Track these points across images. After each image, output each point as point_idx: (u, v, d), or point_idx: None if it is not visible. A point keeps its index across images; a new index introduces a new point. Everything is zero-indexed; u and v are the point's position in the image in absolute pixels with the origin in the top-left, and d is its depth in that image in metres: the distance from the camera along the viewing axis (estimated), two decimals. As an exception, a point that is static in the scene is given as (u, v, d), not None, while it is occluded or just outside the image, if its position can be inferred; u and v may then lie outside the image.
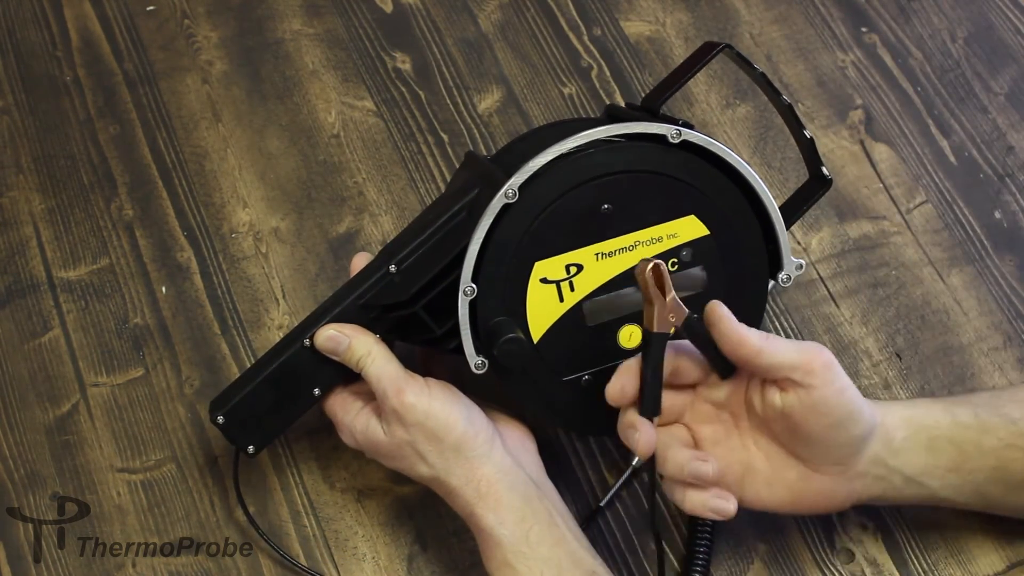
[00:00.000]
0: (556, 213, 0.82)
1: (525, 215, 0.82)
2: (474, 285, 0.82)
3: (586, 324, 0.85)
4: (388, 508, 0.93)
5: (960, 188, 1.08)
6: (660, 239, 0.84)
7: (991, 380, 0.99)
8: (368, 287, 0.87)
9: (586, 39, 1.16)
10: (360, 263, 0.89)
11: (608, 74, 1.14)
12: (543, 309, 0.84)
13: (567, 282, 0.84)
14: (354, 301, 0.87)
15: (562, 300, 0.84)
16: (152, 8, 1.16)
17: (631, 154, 0.83)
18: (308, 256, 1.04)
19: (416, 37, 1.15)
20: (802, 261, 0.87)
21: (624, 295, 0.85)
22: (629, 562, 0.91)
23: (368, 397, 0.88)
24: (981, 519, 0.91)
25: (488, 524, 0.83)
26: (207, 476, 0.94)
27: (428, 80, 1.13)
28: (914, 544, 0.92)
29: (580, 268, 0.83)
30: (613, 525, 0.93)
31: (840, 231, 1.06)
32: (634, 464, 0.94)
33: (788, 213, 0.89)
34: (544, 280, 0.83)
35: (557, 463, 0.94)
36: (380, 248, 0.97)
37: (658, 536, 0.89)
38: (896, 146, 1.10)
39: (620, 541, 0.92)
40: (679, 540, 0.92)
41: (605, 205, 0.83)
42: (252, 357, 0.99)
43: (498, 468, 0.84)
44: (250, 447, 0.89)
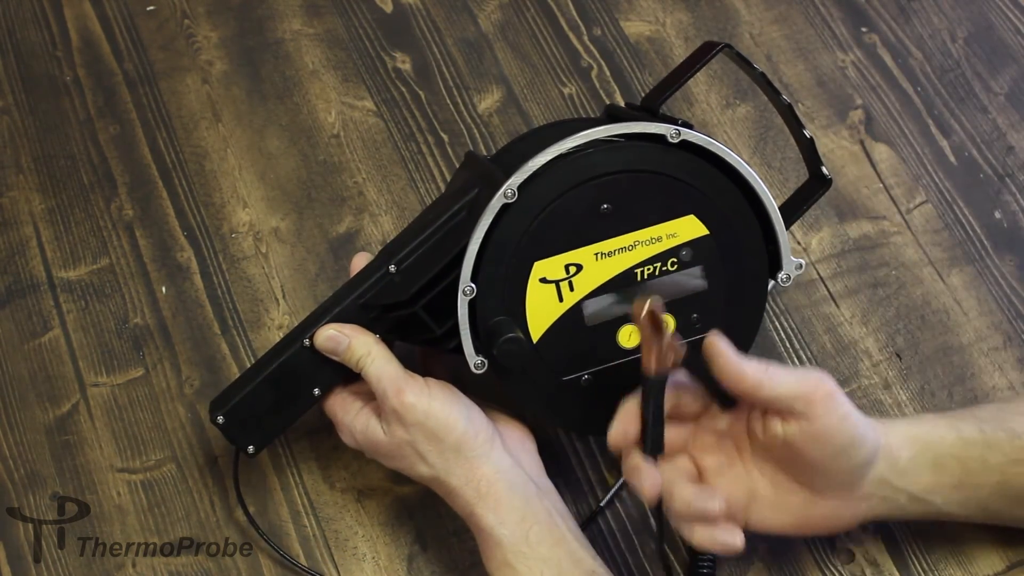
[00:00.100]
0: (555, 213, 0.82)
1: (524, 215, 0.82)
2: (473, 285, 0.82)
3: (585, 324, 0.85)
4: (388, 508, 0.93)
5: (960, 188, 1.08)
6: (659, 239, 0.84)
7: (991, 380, 0.99)
8: (368, 287, 0.87)
9: (586, 39, 1.16)
10: (360, 263, 0.89)
11: (608, 74, 1.14)
12: (542, 309, 0.84)
13: (566, 282, 0.84)
14: (354, 301, 0.87)
15: (561, 300, 0.84)
16: (152, 8, 1.16)
17: (630, 154, 0.83)
18: (308, 256, 1.04)
19: (416, 37, 1.15)
20: (802, 261, 0.87)
21: (624, 295, 0.85)
22: (629, 562, 0.91)
23: (368, 397, 0.88)
24: (981, 520, 0.91)
25: (488, 524, 0.83)
26: (207, 476, 0.94)
27: (428, 80, 1.13)
28: (914, 544, 0.92)
29: (579, 268, 0.83)
30: (613, 525, 0.93)
31: (840, 231, 1.06)
32: (620, 482, 0.94)
33: (788, 213, 0.89)
34: (543, 280, 0.83)
35: (557, 463, 0.94)
36: (380, 248, 0.97)
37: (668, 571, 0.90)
38: (896, 146, 1.10)
39: (620, 541, 0.92)
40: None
41: (604, 205, 0.83)
42: (252, 357, 0.99)
43: (498, 468, 0.84)
44: (250, 447, 0.89)
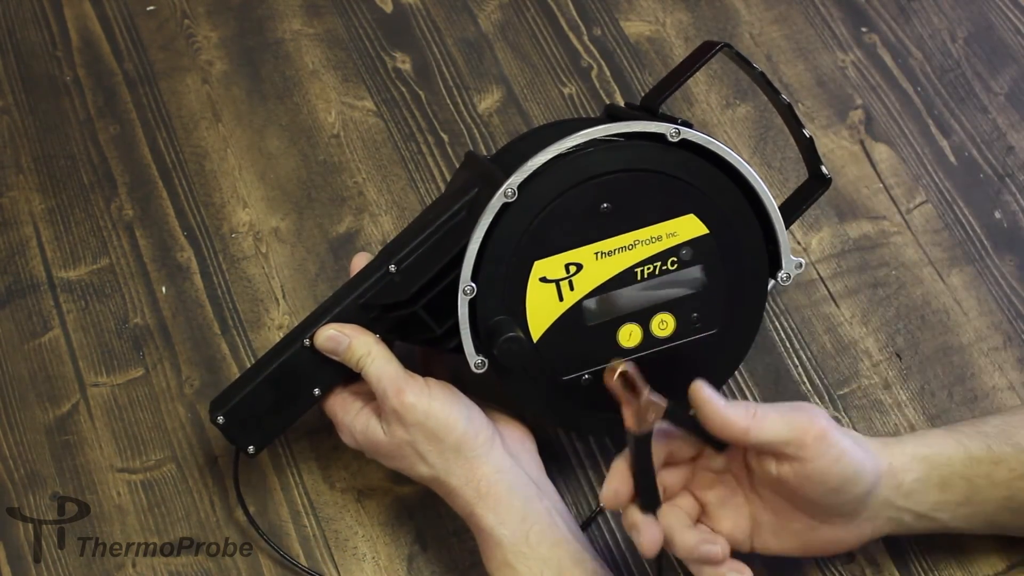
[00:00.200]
0: (555, 212, 0.82)
1: (524, 214, 0.82)
2: (474, 284, 0.82)
3: (586, 323, 0.85)
4: (388, 508, 0.93)
5: (960, 188, 1.08)
6: (659, 238, 0.84)
7: (991, 380, 0.99)
8: (368, 287, 0.87)
9: (586, 39, 1.16)
10: (360, 263, 0.89)
11: (608, 74, 1.14)
12: (543, 308, 0.84)
13: (566, 281, 0.84)
14: (354, 301, 0.87)
15: (562, 299, 0.84)
16: (152, 8, 1.16)
17: (630, 153, 0.83)
18: (308, 256, 1.04)
19: (416, 37, 1.15)
20: (802, 260, 0.87)
21: (624, 294, 0.85)
22: (629, 562, 0.91)
23: (368, 397, 0.88)
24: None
25: (488, 524, 0.83)
26: (207, 476, 0.94)
27: (428, 80, 1.13)
28: (914, 544, 0.91)
29: (580, 267, 0.83)
30: (613, 525, 0.93)
31: (840, 231, 1.06)
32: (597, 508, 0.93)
33: (788, 212, 0.89)
34: (544, 279, 0.83)
35: (557, 463, 0.94)
36: (380, 248, 0.97)
37: None
38: (896, 146, 1.10)
39: (620, 541, 0.92)
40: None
41: (604, 204, 0.83)
42: (252, 357, 0.99)
43: (498, 468, 0.84)
44: (250, 447, 0.89)
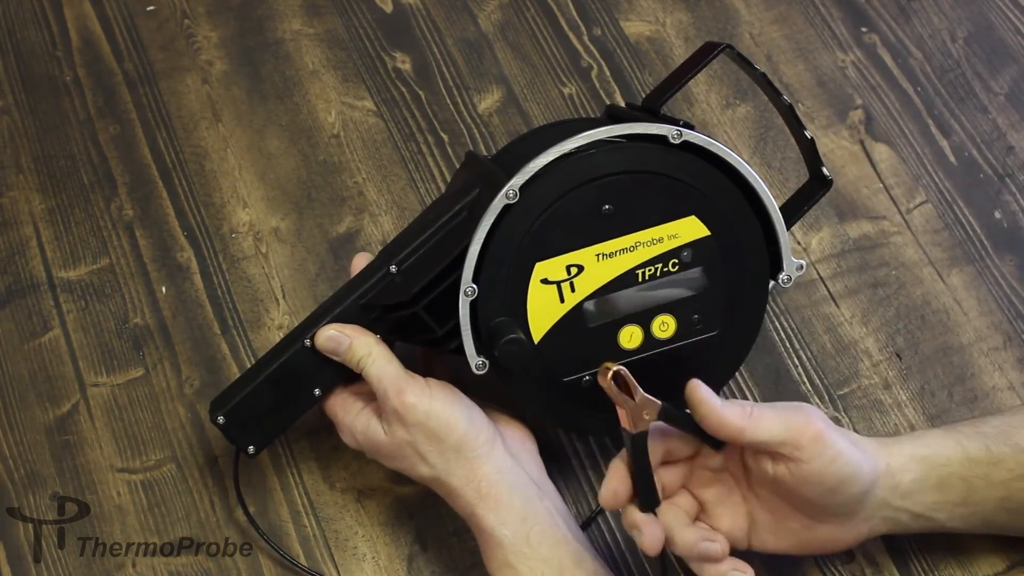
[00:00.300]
0: (557, 214, 0.82)
1: (526, 215, 0.82)
2: (475, 286, 0.82)
3: (587, 325, 0.85)
4: (388, 508, 0.93)
5: (960, 188, 1.08)
6: (661, 240, 0.84)
7: (991, 380, 0.99)
8: (369, 287, 0.87)
9: (586, 39, 1.16)
10: (360, 263, 0.89)
11: (608, 74, 1.14)
12: (544, 310, 0.84)
13: (568, 283, 0.84)
14: (355, 301, 0.87)
15: (563, 301, 0.84)
16: (152, 8, 1.16)
17: (632, 155, 0.83)
18: (308, 256, 1.04)
19: (416, 37, 1.15)
20: (803, 262, 0.87)
21: (625, 296, 0.85)
22: (629, 562, 0.91)
23: (369, 397, 0.88)
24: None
25: (489, 524, 0.83)
26: (207, 476, 0.94)
27: (428, 80, 1.13)
28: (914, 544, 0.91)
29: (581, 269, 0.83)
30: (613, 525, 0.93)
31: (840, 231, 1.06)
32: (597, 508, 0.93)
33: (788, 214, 0.89)
34: (545, 281, 0.83)
35: (557, 463, 0.94)
36: (380, 248, 0.97)
37: None
38: (896, 146, 1.10)
39: (620, 541, 0.92)
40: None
41: (606, 206, 0.83)
42: (252, 357, 0.99)
43: (499, 468, 0.84)
44: (250, 447, 0.89)
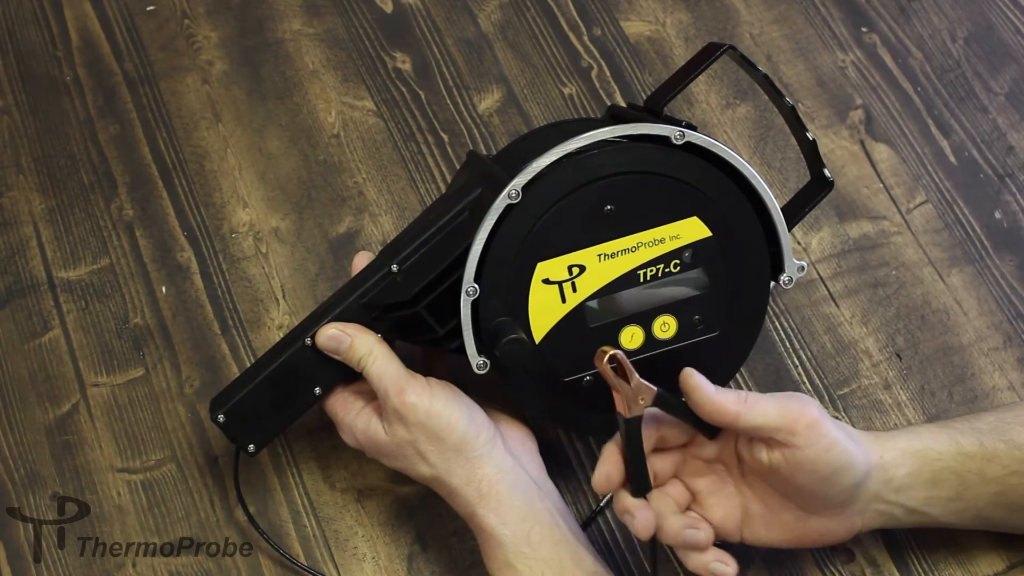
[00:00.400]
0: (559, 214, 0.82)
1: (528, 216, 0.82)
2: (476, 285, 0.82)
3: (588, 325, 0.85)
4: (388, 508, 0.93)
5: (960, 188, 1.08)
6: (662, 240, 0.84)
7: (991, 380, 0.99)
8: (370, 286, 0.87)
9: (586, 39, 1.16)
10: (361, 262, 0.89)
11: (608, 74, 1.14)
12: (545, 310, 0.84)
13: (569, 283, 0.84)
14: (356, 300, 0.87)
15: (564, 301, 0.84)
16: (152, 8, 1.16)
17: (634, 155, 0.83)
18: (308, 256, 1.04)
19: (416, 37, 1.15)
20: (804, 263, 0.87)
21: (626, 296, 0.85)
22: (629, 562, 0.91)
23: (369, 396, 0.88)
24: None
25: (489, 524, 0.83)
26: (207, 476, 0.94)
27: (428, 80, 1.13)
28: (914, 544, 0.92)
29: (582, 269, 0.83)
30: (613, 525, 0.93)
31: (840, 231, 1.06)
32: (602, 504, 0.94)
33: (790, 215, 0.89)
34: (546, 281, 0.83)
35: (557, 463, 0.94)
36: (380, 248, 0.97)
37: None
38: (896, 146, 1.10)
39: (620, 541, 0.92)
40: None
41: (608, 206, 0.83)
42: (252, 357, 0.99)
43: (499, 468, 0.84)
44: (250, 446, 0.88)
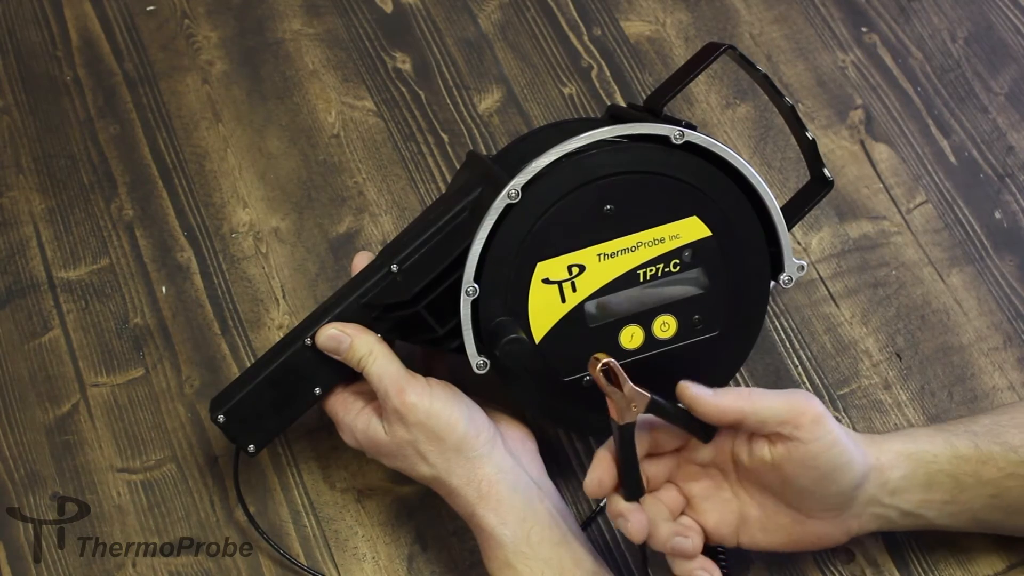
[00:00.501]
0: (559, 213, 0.82)
1: (528, 215, 0.82)
2: (476, 285, 0.82)
3: (588, 325, 0.85)
4: (388, 508, 0.93)
5: (960, 188, 1.08)
6: (662, 240, 0.84)
7: (991, 380, 0.99)
8: (370, 286, 0.87)
9: (586, 39, 1.16)
10: (361, 262, 0.89)
11: (608, 74, 1.14)
12: (545, 310, 0.84)
13: (569, 283, 0.84)
14: (356, 300, 0.87)
15: (564, 301, 0.84)
16: (152, 8, 1.16)
17: (634, 155, 0.83)
18: (308, 256, 1.04)
19: (416, 37, 1.15)
20: (804, 263, 0.87)
21: (626, 296, 0.85)
22: (629, 562, 0.91)
23: (369, 396, 0.88)
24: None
25: (489, 524, 0.83)
26: (207, 476, 0.94)
27: (428, 80, 1.13)
28: (914, 544, 0.92)
29: (582, 269, 0.83)
30: (613, 525, 0.93)
31: (840, 231, 1.06)
32: (602, 504, 0.93)
33: (789, 214, 0.89)
34: (546, 280, 0.83)
35: (557, 463, 0.94)
36: (380, 248, 0.97)
37: None
38: (896, 146, 1.10)
39: (620, 541, 0.92)
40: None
41: (608, 206, 0.83)
42: (252, 357, 0.99)
43: (499, 468, 0.84)
44: (250, 446, 0.88)
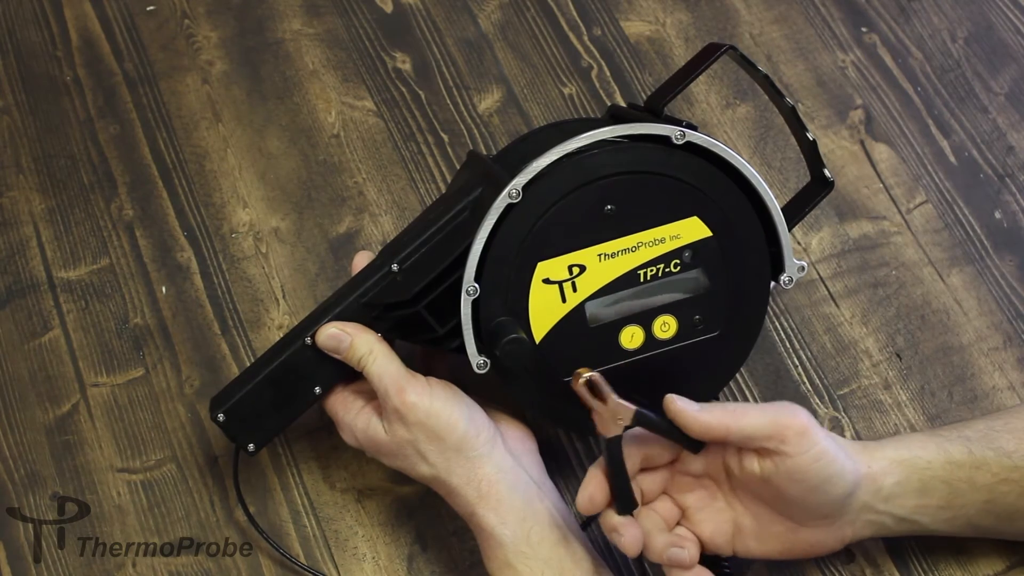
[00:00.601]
0: (559, 213, 0.82)
1: (528, 215, 0.82)
2: (477, 285, 0.82)
3: (588, 325, 0.85)
4: (388, 508, 0.93)
5: (960, 188, 1.08)
6: (663, 240, 0.84)
7: (991, 380, 0.99)
8: (370, 286, 0.87)
9: (586, 39, 1.16)
10: (361, 262, 0.89)
11: (608, 74, 1.14)
12: (545, 309, 0.84)
13: (569, 283, 0.84)
14: (356, 300, 0.87)
15: (564, 301, 0.84)
16: (152, 8, 1.16)
17: (635, 155, 0.83)
18: (308, 256, 1.04)
19: (416, 37, 1.15)
20: (804, 263, 0.87)
21: (626, 296, 0.85)
22: (629, 562, 0.91)
23: (369, 396, 0.88)
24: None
25: (489, 524, 0.83)
26: (207, 476, 0.94)
27: (428, 80, 1.13)
28: (914, 544, 0.92)
29: (583, 269, 0.83)
30: (608, 540, 0.93)
31: (840, 231, 1.06)
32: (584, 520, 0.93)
33: (790, 215, 0.89)
34: (547, 280, 0.83)
35: (557, 463, 0.94)
36: (380, 248, 0.97)
37: None
38: (896, 146, 1.10)
39: (621, 541, 0.92)
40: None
41: (608, 206, 0.83)
42: (252, 357, 0.99)
43: (499, 468, 0.84)
44: (250, 445, 0.88)
